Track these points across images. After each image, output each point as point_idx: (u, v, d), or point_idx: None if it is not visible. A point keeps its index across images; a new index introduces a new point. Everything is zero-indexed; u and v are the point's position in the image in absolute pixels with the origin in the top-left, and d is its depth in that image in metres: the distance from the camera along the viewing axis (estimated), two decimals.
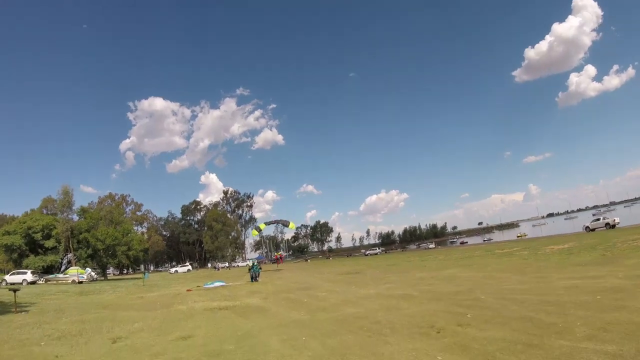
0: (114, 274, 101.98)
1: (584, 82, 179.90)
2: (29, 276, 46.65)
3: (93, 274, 52.78)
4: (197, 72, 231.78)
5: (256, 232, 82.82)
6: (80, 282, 46.89)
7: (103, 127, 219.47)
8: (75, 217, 57.91)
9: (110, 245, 54.26)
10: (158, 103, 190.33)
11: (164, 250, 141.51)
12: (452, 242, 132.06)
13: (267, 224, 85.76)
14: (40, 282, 47.70)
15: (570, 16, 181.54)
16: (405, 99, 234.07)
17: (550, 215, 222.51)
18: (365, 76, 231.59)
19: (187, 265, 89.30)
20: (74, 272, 48.66)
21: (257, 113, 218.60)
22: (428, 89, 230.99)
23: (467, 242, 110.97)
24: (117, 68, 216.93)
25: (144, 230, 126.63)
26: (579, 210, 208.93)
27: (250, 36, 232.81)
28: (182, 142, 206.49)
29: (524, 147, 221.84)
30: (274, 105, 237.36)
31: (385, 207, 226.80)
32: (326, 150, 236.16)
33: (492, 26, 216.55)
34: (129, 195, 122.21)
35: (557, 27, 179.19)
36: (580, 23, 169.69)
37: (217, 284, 30.17)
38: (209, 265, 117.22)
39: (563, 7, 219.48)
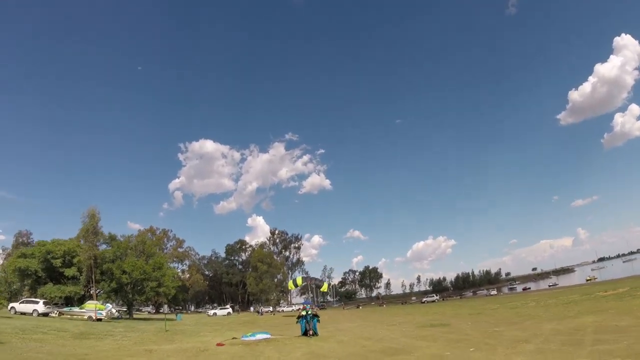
0: (149, 312, 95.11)
1: (628, 122, 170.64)
2: (40, 306, 40.46)
3: (114, 310, 45.04)
4: (248, 117, 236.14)
5: (293, 286, 77.38)
6: (99, 320, 39.72)
7: (153, 167, 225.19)
8: (104, 246, 51.27)
9: (138, 280, 46.66)
10: (208, 145, 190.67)
11: (206, 290, 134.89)
12: (511, 289, 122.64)
13: (304, 279, 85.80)
14: (53, 314, 41.10)
15: (612, 56, 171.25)
16: (451, 145, 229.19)
17: (602, 259, 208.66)
18: (411, 122, 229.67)
19: (228, 308, 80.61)
20: (92, 307, 41.24)
21: (305, 158, 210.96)
22: (474, 134, 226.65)
23: (530, 288, 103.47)
24: (170, 110, 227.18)
25: (185, 268, 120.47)
26: (631, 253, 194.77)
27: (299, 82, 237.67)
28: (231, 184, 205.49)
29: (571, 190, 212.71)
30: (322, 151, 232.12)
31: (433, 254, 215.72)
32: (373, 195, 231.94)
33: (535, 70, 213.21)
34: (171, 231, 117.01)
35: (599, 68, 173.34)
36: (622, 62, 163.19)
37: (260, 336, 21.25)
38: (252, 309, 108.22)
39: (604, 47, 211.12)
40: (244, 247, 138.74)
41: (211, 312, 77.31)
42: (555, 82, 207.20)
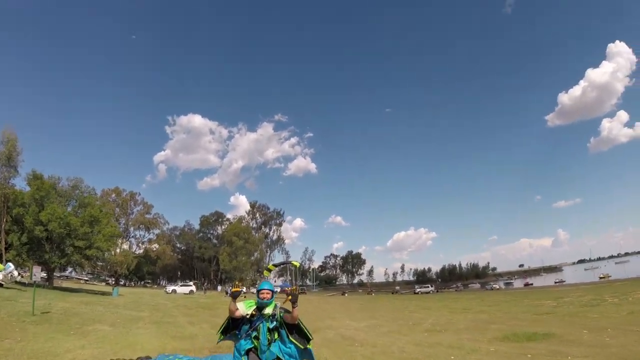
0: (106, 283, 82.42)
1: (615, 127, 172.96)
2: None
3: (15, 273, 32.15)
4: (239, 94, 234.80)
5: (267, 273, 68.58)
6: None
7: (139, 137, 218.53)
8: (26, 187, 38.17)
9: (60, 235, 34.08)
10: (197, 120, 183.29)
11: (176, 264, 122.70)
12: (507, 284, 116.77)
13: (275, 265, 79.23)
14: None
15: (604, 62, 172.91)
16: (437, 137, 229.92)
17: (582, 261, 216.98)
18: (401, 112, 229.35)
19: (190, 286, 67.56)
20: None
21: (293, 140, 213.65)
22: (461, 128, 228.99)
23: (532, 284, 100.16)
24: (161, 81, 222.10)
25: (152, 237, 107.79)
26: (611, 257, 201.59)
27: (292, 64, 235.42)
28: (216, 161, 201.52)
29: (554, 191, 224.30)
30: (310, 134, 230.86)
31: (413, 245, 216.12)
32: (358, 182, 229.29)
33: (527, 70, 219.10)
34: (139, 194, 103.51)
35: (590, 73, 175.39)
36: (614, 69, 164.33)
37: None
38: (219, 288, 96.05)
39: (598, 52, 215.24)
40: (220, 219, 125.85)
41: (170, 288, 64.37)
42: (546, 83, 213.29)
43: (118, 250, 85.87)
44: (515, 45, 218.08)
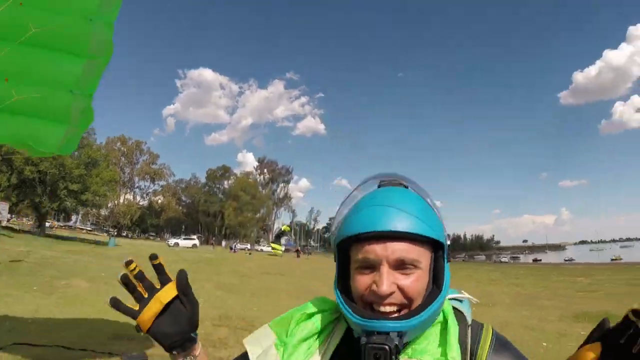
0: (108, 234, 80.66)
1: (627, 112, 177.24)
2: None
3: (4, 213, 29.40)
4: (251, 50, 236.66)
5: (287, 228, 67.68)
6: None
7: (149, 89, 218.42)
8: None
9: (53, 176, 31.33)
10: (208, 74, 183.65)
11: (181, 218, 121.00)
12: (514, 258, 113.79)
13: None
14: None
15: (623, 44, 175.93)
16: (449, 104, 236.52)
17: (584, 242, 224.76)
18: (412, 77, 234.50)
19: (194, 239, 65.14)
20: None
21: (303, 99, 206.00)
22: (472, 97, 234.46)
23: (540, 260, 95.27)
24: (172, 33, 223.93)
25: (158, 189, 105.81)
26: (613, 241, 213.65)
27: (307, 23, 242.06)
28: (225, 116, 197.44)
29: (561, 170, 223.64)
30: (321, 95, 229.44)
31: None
32: (365, 146, 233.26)
33: (544, 45, 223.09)
34: (145, 143, 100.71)
35: (608, 54, 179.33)
36: (632, 52, 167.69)
37: None
38: (224, 243, 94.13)
39: (617, 33, 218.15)
40: (227, 174, 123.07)
41: (172, 241, 62.06)
42: (562, 60, 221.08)
43: (121, 200, 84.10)
44: (534, 19, 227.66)
